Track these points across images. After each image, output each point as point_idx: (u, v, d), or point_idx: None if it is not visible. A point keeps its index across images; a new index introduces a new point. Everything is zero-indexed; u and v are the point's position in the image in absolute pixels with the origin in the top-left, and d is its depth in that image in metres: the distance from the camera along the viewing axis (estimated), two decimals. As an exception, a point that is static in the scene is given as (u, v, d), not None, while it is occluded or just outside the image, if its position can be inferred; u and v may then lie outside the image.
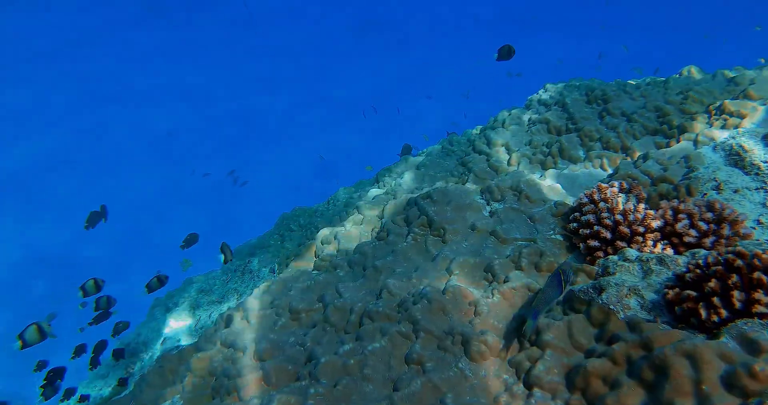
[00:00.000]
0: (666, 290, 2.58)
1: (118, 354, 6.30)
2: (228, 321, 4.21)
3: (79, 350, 6.12)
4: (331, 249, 4.78)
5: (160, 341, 6.14)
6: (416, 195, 4.64)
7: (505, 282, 3.36)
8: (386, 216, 4.77)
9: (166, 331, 6.14)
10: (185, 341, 5.81)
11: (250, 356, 3.74)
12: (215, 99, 34.18)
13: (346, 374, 3.05)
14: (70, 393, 5.49)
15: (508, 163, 5.15)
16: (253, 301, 4.29)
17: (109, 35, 37.46)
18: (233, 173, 21.98)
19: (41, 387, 4.60)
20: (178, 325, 6.14)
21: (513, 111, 5.91)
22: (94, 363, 6.06)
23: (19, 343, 4.14)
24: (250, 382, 3.36)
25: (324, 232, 5.07)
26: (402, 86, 34.60)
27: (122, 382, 5.56)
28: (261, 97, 34.53)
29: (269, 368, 3.36)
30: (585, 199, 3.73)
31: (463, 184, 4.95)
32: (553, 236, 3.82)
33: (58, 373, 4.34)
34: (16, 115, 30.96)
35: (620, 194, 3.66)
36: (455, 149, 6.12)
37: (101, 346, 5.15)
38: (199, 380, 3.90)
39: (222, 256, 5.32)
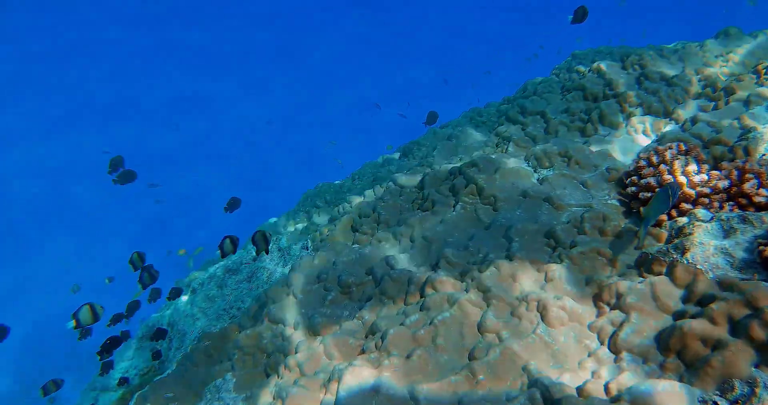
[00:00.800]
0: (761, 247, 2.49)
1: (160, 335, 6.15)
2: (273, 297, 4.10)
3: (116, 318, 6.02)
4: (370, 221, 4.66)
5: (190, 322, 6.04)
6: (459, 164, 4.52)
7: (572, 247, 3.26)
8: (427, 186, 4.65)
9: (195, 311, 6.02)
10: (216, 320, 5.70)
11: (304, 331, 3.65)
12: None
13: (417, 345, 2.96)
14: (108, 366, 5.40)
15: (546, 132, 5.03)
16: (298, 277, 4.18)
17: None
18: (154, 185, 21.73)
19: (98, 353, 4.49)
20: (207, 305, 6.03)
21: (544, 80, 5.78)
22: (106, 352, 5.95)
23: (73, 322, 4.03)
24: (311, 356, 3.26)
25: (361, 205, 4.95)
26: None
27: (156, 356, 5.45)
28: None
29: (330, 342, 3.26)
30: (643, 163, 3.63)
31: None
32: (609, 201, 3.73)
33: (115, 342, 4.23)
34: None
35: (679, 156, 3.56)
36: (485, 120, 5.99)
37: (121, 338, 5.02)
38: (249, 357, 3.80)
39: (254, 248, 5.11)
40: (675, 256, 2.75)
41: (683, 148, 3.70)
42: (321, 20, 40.19)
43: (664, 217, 3.39)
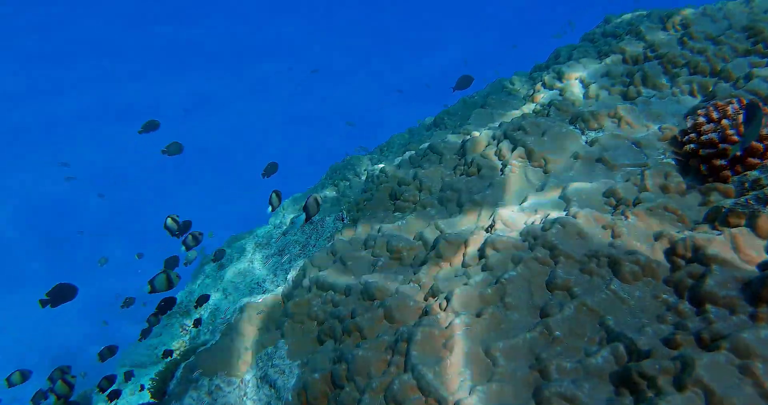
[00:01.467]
0: None
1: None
2: (319, 265, 4.03)
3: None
4: (412, 189, 4.57)
5: (221, 296, 5.99)
6: (503, 128, 4.42)
7: (636, 204, 3.18)
8: (469, 152, 4.55)
9: (225, 285, 5.97)
10: (250, 293, 5.64)
11: (358, 297, 3.58)
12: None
13: (485, 304, 2.89)
14: (146, 332, 5.39)
15: (586, 96, 4.92)
16: (344, 244, 4.11)
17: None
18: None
19: (154, 315, 4.45)
20: (238, 279, 5.97)
21: (578, 46, 5.65)
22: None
23: (149, 287, 4.00)
24: (372, 320, 3.20)
25: (398, 173, 4.86)
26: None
27: (197, 323, 5.41)
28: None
29: (392, 304, 3.19)
30: (702, 119, 3.53)
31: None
32: (664, 160, 3.63)
33: (169, 303, 4.19)
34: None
35: (741, 111, 3.46)
36: (517, 87, 5.87)
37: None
38: (299, 325, 3.75)
39: (269, 207, 5.07)
40: (757, 207, 2.66)
41: (745, 102, 3.59)
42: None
43: (726, 172, 3.30)
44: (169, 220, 4.48)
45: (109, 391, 4.56)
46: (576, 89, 5.04)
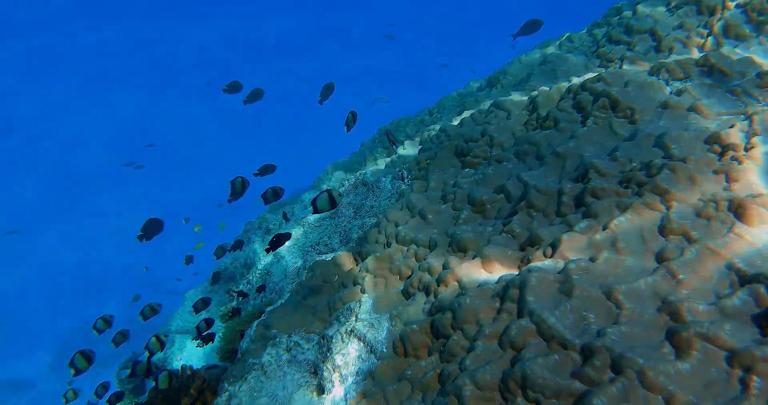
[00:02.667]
0: None
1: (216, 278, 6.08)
2: (396, 220, 3.93)
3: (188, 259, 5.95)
4: (482, 145, 4.44)
5: (272, 261, 5.92)
6: (580, 80, 4.26)
7: (749, 149, 3.03)
8: (541, 107, 4.40)
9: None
10: (303, 257, 5.56)
11: (444, 249, 3.48)
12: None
13: (596, 250, 2.78)
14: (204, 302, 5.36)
15: (658, 50, 4.73)
16: (421, 199, 4.00)
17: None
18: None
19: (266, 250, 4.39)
20: (290, 242, 5.88)
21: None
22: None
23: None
24: (469, 269, 3.10)
25: (463, 131, 4.73)
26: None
27: (242, 294, 5.36)
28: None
29: (490, 253, 3.09)
30: (806, 63, 3.36)
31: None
32: (766, 107, 3.47)
33: (283, 238, 4.13)
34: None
35: None
36: (577, 45, 5.68)
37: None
38: (382, 280, 3.66)
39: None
40: None
41: None
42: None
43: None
44: (239, 180, 4.35)
45: (205, 334, 4.53)
46: (647, 42, 4.85)
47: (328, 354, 3.44)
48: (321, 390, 3.48)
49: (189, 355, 6.97)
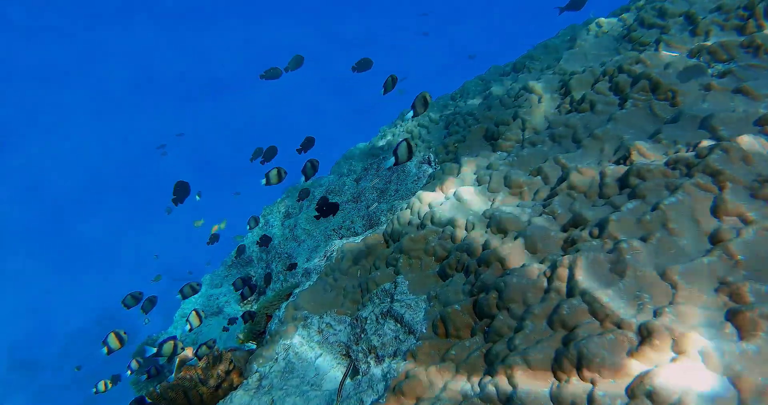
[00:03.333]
0: None
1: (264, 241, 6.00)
2: (431, 203, 3.87)
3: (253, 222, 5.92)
4: (515, 128, 4.37)
5: (293, 244, 5.88)
6: (615, 63, 4.18)
7: (801, 129, 2.96)
8: (575, 89, 4.33)
9: (298, 232, 5.85)
10: (326, 240, 5.52)
11: (482, 230, 3.42)
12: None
13: (647, 230, 2.72)
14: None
15: (694, 33, 4.64)
16: (452, 181, 3.94)
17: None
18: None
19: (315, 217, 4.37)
20: (312, 226, 5.84)
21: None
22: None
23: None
24: (511, 249, 3.04)
25: (494, 115, 4.66)
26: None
27: (292, 267, 5.31)
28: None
29: (534, 234, 3.03)
30: None
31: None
32: (813, 90, 3.39)
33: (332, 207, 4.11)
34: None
35: None
36: (606, 30, 5.58)
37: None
38: (417, 261, 3.61)
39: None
40: None
41: None
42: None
43: None
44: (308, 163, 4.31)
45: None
46: (682, 26, 4.76)
47: (363, 335, 3.40)
48: (355, 371, 3.44)
49: (206, 338, 6.95)
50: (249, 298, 5.34)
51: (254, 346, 4.82)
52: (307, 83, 31.34)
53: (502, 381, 2.42)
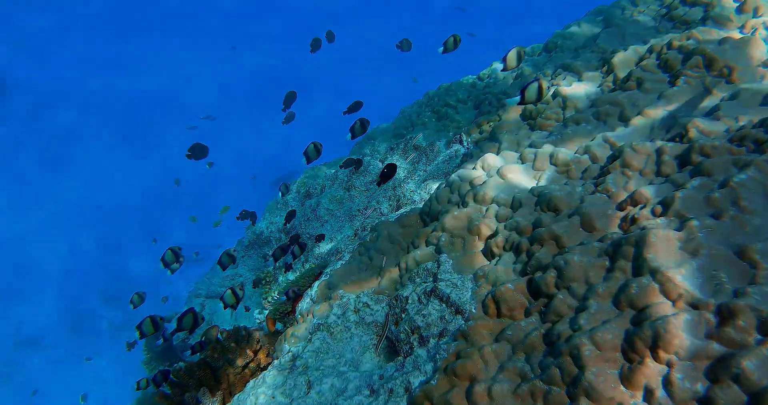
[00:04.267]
0: None
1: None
2: (470, 180, 3.74)
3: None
4: (554, 106, 4.22)
5: (316, 225, 5.74)
6: (664, 40, 4.03)
7: None
8: (619, 68, 4.17)
9: (321, 212, 5.71)
10: (350, 221, 5.39)
11: (532, 207, 3.29)
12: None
13: (715, 208, 2.59)
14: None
15: (741, 11, 4.47)
16: (496, 160, 3.80)
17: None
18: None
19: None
20: (334, 206, 5.71)
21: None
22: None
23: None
24: (568, 227, 2.91)
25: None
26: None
27: (320, 238, 5.20)
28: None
29: (590, 212, 2.90)
30: None
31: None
32: None
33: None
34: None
35: None
36: (642, 9, 5.41)
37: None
38: (460, 240, 3.48)
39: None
40: None
41: None
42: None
43: None
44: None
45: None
46: (728, 3, 4.59)
47: (404, 315, 3.28)
48: (396, 352, 3.33)
49: (220, 319, 6.86)
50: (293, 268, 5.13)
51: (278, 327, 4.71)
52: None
53: (566, 362, 2.31)
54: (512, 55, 3.64)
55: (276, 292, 5.84)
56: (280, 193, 4.97)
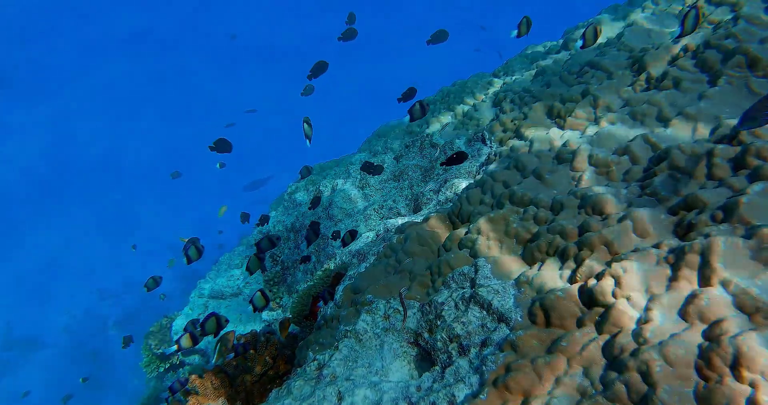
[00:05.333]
0: None
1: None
2: (504, 181, 3.59)
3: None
4: (585, 105, 4.09)
5: (329, 224, 5.56)
6: (699, 38, 3.91)
7: None
8: (652, 65, 4.05)
9: (335, 212, 5.53)
10: (366, 221, 5.22)
11: (575, 210, 3.15)
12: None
13: (781, 215, 2.47)
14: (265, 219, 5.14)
15: (771, 11, 4.37)
16: (532, 159, 3.66)
17: None
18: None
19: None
20: (347, 205, 5.53)
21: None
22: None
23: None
24: (620, 232, 2.78)
25: (553, 92, 4.37)
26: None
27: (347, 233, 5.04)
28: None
29: (642, 217, 2.77)
30: None
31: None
32: None
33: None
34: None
35: None
36: (664, 8, 5.30)
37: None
38: (496, 242, 3.33)
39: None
40: None
41: None
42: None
43: None
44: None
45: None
46: (755, 2, 4.48)
47: (439, 322, 3.13)
48: (428, 361, 3.18)
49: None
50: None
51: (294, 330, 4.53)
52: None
53: (633, 378, 2.17)
54: (590, 33, 3.56)
55: (285, 294, 5.67)
56: (300, 175, 4.76)
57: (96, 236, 20.80)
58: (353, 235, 3.88)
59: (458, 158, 3.10)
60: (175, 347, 3.54)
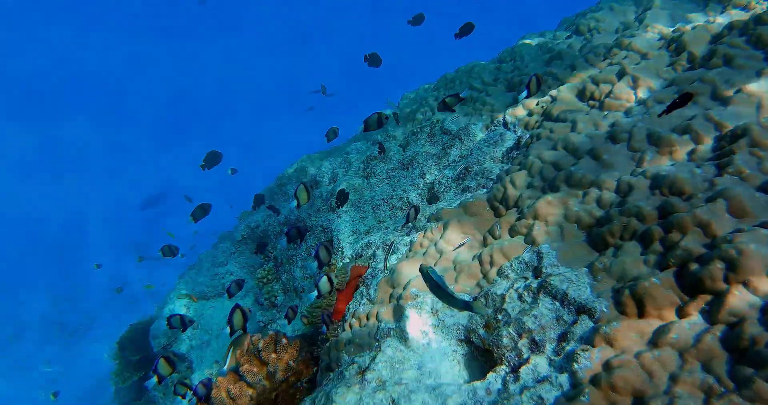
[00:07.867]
0: None
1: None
2: (553, 162, 3.29)
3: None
4: (623, 86, 3.85)
5: (332, 217, 5.13)
6: (746, 16, 3.74)
7: None
8: (693, 44, 3.86)
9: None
10: (375, 212, 4.81)
11: (646, 190, 2.88)
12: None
13: None
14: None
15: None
16: (584, 139, 3.37)
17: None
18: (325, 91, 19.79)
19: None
20: (355, 195, 5.11)
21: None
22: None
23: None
24: (713, 211, 2.52)
25: (581, 73, 4.12)
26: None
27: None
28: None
29: (739, 195, 2.51)
30: None
31: None
32: None
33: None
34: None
35: None
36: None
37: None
38: (555, 228, 3.03)
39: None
40: None
41: None
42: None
43: None
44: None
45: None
46: (784, -13, 4.39)
47: (501, 316, 2.79)
48: (477, 360, 2.84)
49: (208, 322, 6.10)
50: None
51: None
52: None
53: (773, 373, 1.89)
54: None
55: (280, 292, 5.21)
56: (328, 138, 4.35)
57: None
58: (329, 250, 3.50)
59: (681, 102, 2.68)
60: (155, 378, 3.12)
